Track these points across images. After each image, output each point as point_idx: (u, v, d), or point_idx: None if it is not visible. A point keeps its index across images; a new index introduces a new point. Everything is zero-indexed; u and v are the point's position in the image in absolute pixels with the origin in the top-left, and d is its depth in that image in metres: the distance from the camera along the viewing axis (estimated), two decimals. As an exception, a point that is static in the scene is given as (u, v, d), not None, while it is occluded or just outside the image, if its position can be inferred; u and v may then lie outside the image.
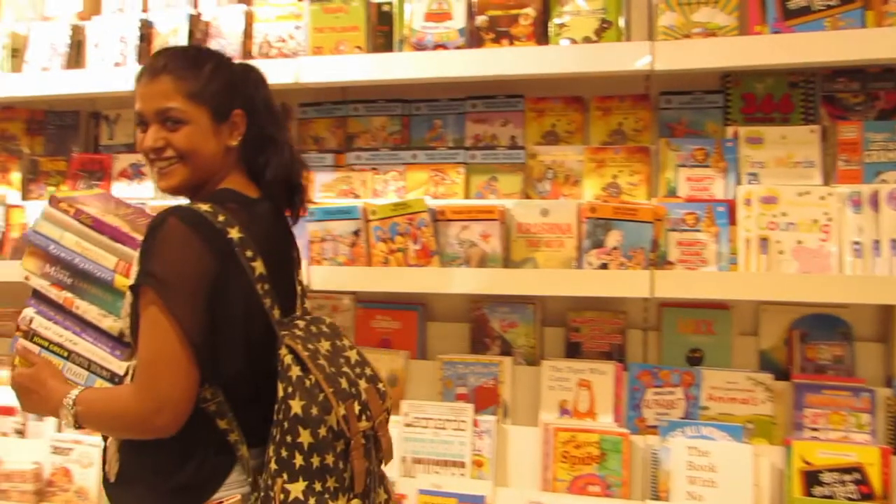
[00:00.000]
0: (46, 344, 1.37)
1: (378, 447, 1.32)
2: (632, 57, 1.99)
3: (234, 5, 2.42)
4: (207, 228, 1.20)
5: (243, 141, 1.37)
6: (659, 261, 2.02)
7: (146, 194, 2.59)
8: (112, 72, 2.41)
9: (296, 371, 1.20)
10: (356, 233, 2.19)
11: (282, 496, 1.16)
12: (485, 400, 2.26)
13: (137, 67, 2.34)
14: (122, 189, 2.62)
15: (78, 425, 1.26)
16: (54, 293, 1.40)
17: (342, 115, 2.51)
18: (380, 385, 1.35)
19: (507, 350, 2.33)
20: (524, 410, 2.25)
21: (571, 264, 2.11)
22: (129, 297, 1.26)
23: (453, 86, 2.31)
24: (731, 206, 2.02)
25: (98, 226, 1.40)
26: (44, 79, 2.49)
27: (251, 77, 1.44)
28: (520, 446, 2.17)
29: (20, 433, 2.61)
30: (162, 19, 2.45)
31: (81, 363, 1.39)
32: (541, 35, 2.14)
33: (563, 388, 2.19)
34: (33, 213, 2.56)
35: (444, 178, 2.32)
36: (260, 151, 1.39)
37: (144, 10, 2.55)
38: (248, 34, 2.37)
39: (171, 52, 1.40)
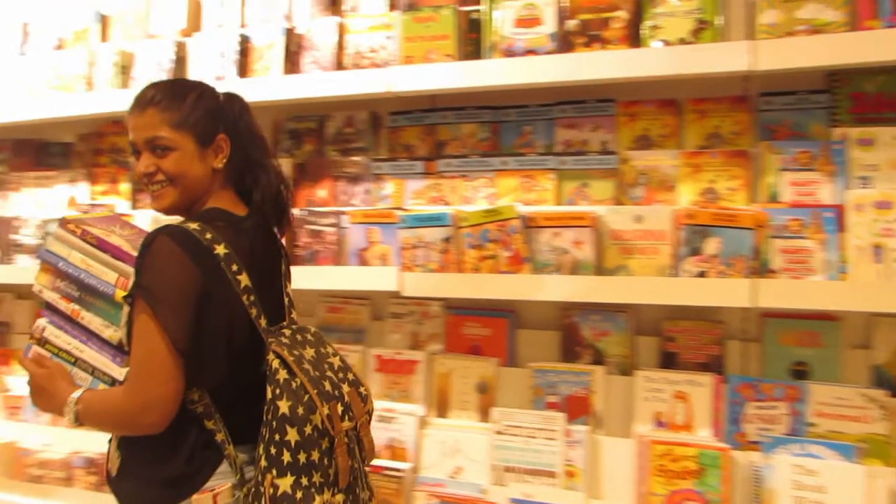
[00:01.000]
0: (56, 350, 1.49)
1: (361, 447, 1.42)
2: (730, 57, 1.91)
3: (327, 18, 2.48)
4: (194, 245, 1.30)
5: (229, 163, 1.47)
6: (761, 269, 1.94)
7: (244, 203, 2.69)
8: (212, 85, 2.50)
9: (283, 374, 1.30)
10: (447, 239, 2.20)
11: (271, 490, 1.25)
12: (576, 409, 2.23)
13: (237, 81, 2.46)
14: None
15: (79, 422, 1.38)
16: (63, 305, 1.52)
17: (432, 122, 2.53)
18: (361, 389, 1.44)
19: (598, 359, 2.28)
20: (617, 421, 2.20)
21: (667, 272, 2.05)
22: (125, 307, 1.36)
23: (543, 91, 2.29)
24: (839, 212, 1.92)
25: (102, 245, 1.51)
26: (150, 94, 2.61)
27: (235, 104, 1.52)
28: (613, 458, 2.13)
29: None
30: (259, 34, 2.53)
31: (86, 369, 1.51)
32: (633, 38, 2.09)
33: (658, 400, 2.13)
34: (142, 221, 2.70)
35: (535, 185, 2.31)
36: (246, 173, 1.49)
37: (242, 26, 2.64)
38: (340, 45, 2.42)
39: (157, 86, 1.48)
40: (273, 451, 1.27)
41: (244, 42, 2.54)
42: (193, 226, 1.34)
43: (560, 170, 2.29)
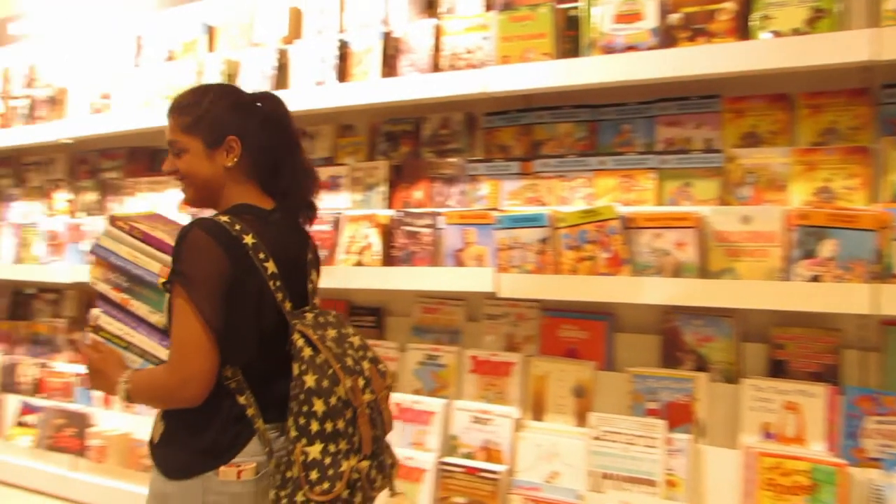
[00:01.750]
0: (110, 336, 1.62)
1: (382, 418, 1.51)
2: (850, 47, 1.79)
3: (423, 20, 2.50)
4: (225, 235, 1.42)
5: (248, 161, 1.56)
6: (882, 273, 1.81)
7: (343, 204, 2.74)
8: (313, 90, 2.57)
9: (308, 352, 1.41)
10: (544, 240, 2.17)
11: (302, 457, 1.36)
12: (678, 417, 2.15)
13: (336, 86, 2.52)
14: (321, 199, 2.80)
15: (129, 399, 1.51)
16: (114, 295, 1.66)
17: (527, 122, 2.51)
18: (380, 366, 1.55)
19: (701, 365, 2.20)
20: (721, 431, 2.11)
21: (776, 275, 1.94)
22: (166, 293, 1.48)
23: (643, 88, 2.22)
24: (976, 212, 1.77)
25: (147, 238, 1.64)
26: (255, 100, 2.71)
27: (254, 106, 1.60)
28: (717, 469, 2.04)
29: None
30: (357, 39, 2.58)
31: (137, 352, 1.63)
32: (741, 30, 2.00)
33: (767, 410, 2.03)
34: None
35: (634, 185, 2.24)
36: (267, 170, 1.59)
37: (341, 31, 2.70)
38: (437, 47, 2.44)
39: (179, 95, 1.63)
40: (302, 421, 1.38)
41: (343, 47, 2.59)
42: (224, 218, 1.45)
43: (661, 169, 2.22)
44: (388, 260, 2.51)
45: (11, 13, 4.00)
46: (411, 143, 2.73)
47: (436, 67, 2.43)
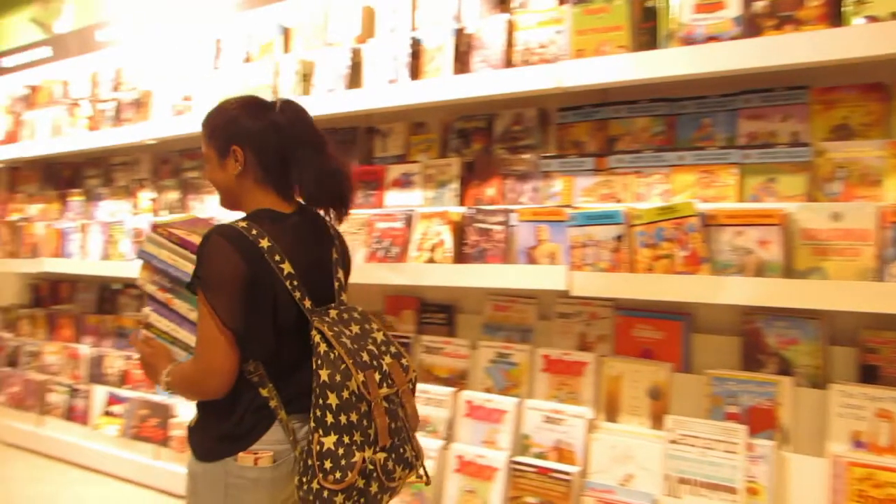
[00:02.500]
0: (159, 333, 1.73)
1: (405, 411, 1.57)
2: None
3: (496, 16, 2.47)
4: (241, 240, 1.49)
5: (261, 167, 1.61)
6: None
7: (415, 202, 2.75)
8: (386, 89, 2.59)
9: (323, 347, 1.47)
10: (619, 238, 2.12)
11: (318, 447, 1.43)
12: (760, 422, 2.07)
13: (409, 84, 2.53)
14: (393, 196, 2.82)
15: (170, 390, 1.62)
16: (160, 295, 1.77)
17: (602, 117, 2.46)
18: (403, 360, 1.60)
19: (785, 369, 2.11)
20: (807, 438, 2.02)
21: (869, 276, 1.84)
22: None
23: (725, 80, 2.14)
24: None
25: (183, 243, 1.74)
26: (328, 99, 2.75)
27: (262, 115, 1.62)
28: (803, 478, 1.95)
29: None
30: (429, 36, 2.58)
31: (182, 347, 1.73)
32: (833, 16, 1.90)
33: (857, 418, 1.93)
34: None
35: (715, 180, 2.16)
36: (280, 175, 1.62)
37: (413, 29, 2.71)
38: (510, 43, 2.41)
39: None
40: (318, 413, 1.45)
41: (415, 45, 2.59)
42: (242, 224, 1.53)
43: (744, 164, 2.13)
44: (460, 257, 2.50)
45: (99, 21, 4.18)
46: (483, 139, 2.71)
47: (508, 63, 2.40)
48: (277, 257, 1.51)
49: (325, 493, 1.42)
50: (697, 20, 2.03)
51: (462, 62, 2.51)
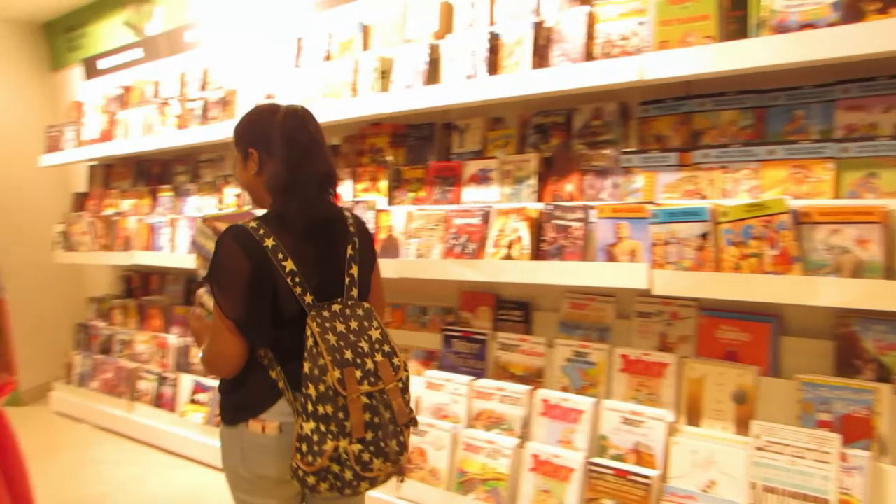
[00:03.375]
0: (208, 312, 1.82)
1: (392, 409, 1.63)
2: None
3: (576, 8, 2.42)
4: (248, 240, 1.62)
5: (270, 170, 1.69)
6: None
7: (492, 198, 2.73)
8: (464, 84, 2.57)
9: (310, 342, 1.59)
10: (704, 235, 2.04)
11: (299, 430, 1.58)
12: (855, 431, 1.97)
13: (487, 78, 2.51)
14: (471, 192, 2.81)
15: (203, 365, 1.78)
16: None
17: (687, 111, 2.37)
18: (394, 360, 1.67)
19: (884, 376, 1.99)
20: (908, 449, 1.90)
21: (981, 277, 1.71)
22: None
23: (820, 70, 2.03)
24: None
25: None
26: (406, 96, 2.75)
27: (274, 121, 1.70)
28: (903, 492, 1.84)
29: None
30: (508, 30, 2.55)
31: None
32: (942, -1, 1.77)
33: (965, 429, 1.80)
34: (398, 216, 2.87)
35: (808, 176, 2.06)
36: (284, 178, 1.68)
37: (492, 24, 2.68)
38: (590, 35, 2.36)
39: None
40: (302, 400, 1.59)
41: (494, 39, 2.57)
42: (253, 224, 1.65)
43: (840, 158, 2.02)
44: (538, 254, 2.47)
45: (187, 23, 4.34)
46: (562, 134, 2.67)
47: (589, 56, 2.35)
48: (280, 255, 1.62)
49: (300, 473, 1.57)
50: (791, 7, 1.93)
51: (541, 56, 2.47)
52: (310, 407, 1.57)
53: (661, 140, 2.42)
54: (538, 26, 2.49)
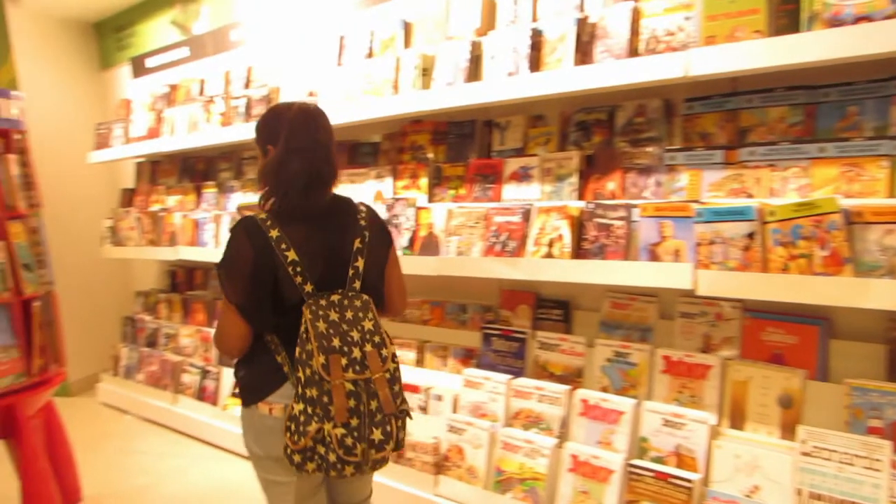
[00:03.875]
0: None
1: (378, 398, 1.69)
2: None
3: (621, 3, 2.39)
4: (255, 230, 1.71)
5: (280, 164, 1.76)
6: None
7: (533, 195, 2.72)
8: (505, 81, 2.56)
9: (302, 328, 1.68)
10: (750, 235, 2.00)
11: (290, 411, 1.68)
12: (908, 438, 1.90)
13: (529, 75, 2.49)
14: (511, 190, 2.79)
15: None
16: None
17: (733, 107, 2.32)
18: (383, 351, 1.73)
19: (939, 381, 1.92)
20: (964, 458, 1.83)
21: None
22: None
23: (875, 65, 1.97)
24: None
25: None
26: (447, 93, 2.75)
27: (287, 118, 1.78)
28: (959, 502, 1.77)
29: (423, 409, 2.95)
30: (551, 26, 2.53)
31: None
32: None
33: None
34: (439, 214, 2.87)
35: (861, 174, 2.00)
36: (266, 169, 1.79)
37: (534, 20, 2.66)
38: (634, 31, 2.32)
39: None
40: (294, 382, 1.71)
41: (536, 36, 2.55)
42: (262, 216, 1.73)
43: None
44: (579, 252, 2.44)
45: (232, 21, 4.40)
46: (604, 132, 2.63)
47: (633, 52, 2.31)
48: (283, 245, 1.70)
49: (288, 450, 1.68)
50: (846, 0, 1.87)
51: (584, 52, 2.44)
52: (299, 389, 1.68)
53: (706, 137, 2.37)
54: (581, 22, 2.46)
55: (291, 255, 1.69)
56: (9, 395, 2.84)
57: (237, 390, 1.92)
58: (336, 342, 1.66)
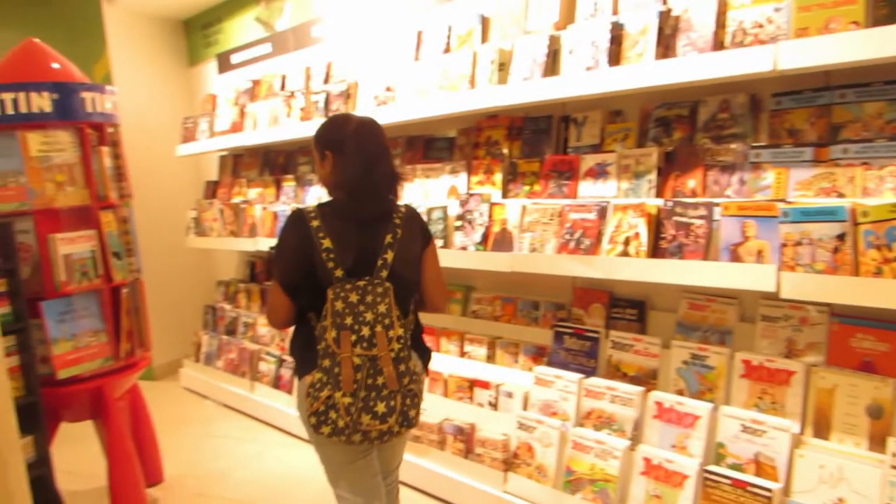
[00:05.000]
0: None
1: (383, 374, 1.87)
2: None
3: (706, -5, 2.31)
4: (301, 219, 1.95)
5: (342, 170, 1.98)
6: None
7: (609, 192, 2.67)
8: (583, 76, 2.51)
9: (325, 306, 1.89)
10: (841, 237, 1.90)
11: (311, 378, 1.91)
12: None
13: (607, 70, 2.44)
14: (587, 187, 2.75)
15: None
16: None
17: (825, 102, 2.22)
18: (390, 332, 1.89)
19: None
20: None
21: None
22: None
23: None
24: None
25: None
26: (524, 88, 2.73)
27: (346, 129, 2.00)
28: None
29: (493, 406, 2.95)
30: (632, 19, 2.47)
31: None
32: None
33: None
34: (512, 210, 2.85)
35: (966, 174, 1.88)
36: (349, 177, 1.97)
37: (615, 13, 2.61)
38: (720, 24, 2.25)
39: None
40: (314, 355, 1.91)
41: (617, 29, 2.50)
42: (310, 208, 1.98)
43: None
44: (656, 251, 2.39)
45: (313, 17, 4.49)
46: (686, 128, 2.56)
47: (718, 46, 2.24)
48: (321, 234, 1.92)
49: (308, 414, 1.90)
50: (952, -11, 1.76)
51: (666, 46, 2.38)
52: (318, 361, 1.90)
53: (794, 134, 2.28)
54: (664, 15, 2.40)
55: (326, 242, 1.91)
56: (98, 378, 2.99)
57: (293, 364, 2.13)
58: (349, 320, 1.87)
